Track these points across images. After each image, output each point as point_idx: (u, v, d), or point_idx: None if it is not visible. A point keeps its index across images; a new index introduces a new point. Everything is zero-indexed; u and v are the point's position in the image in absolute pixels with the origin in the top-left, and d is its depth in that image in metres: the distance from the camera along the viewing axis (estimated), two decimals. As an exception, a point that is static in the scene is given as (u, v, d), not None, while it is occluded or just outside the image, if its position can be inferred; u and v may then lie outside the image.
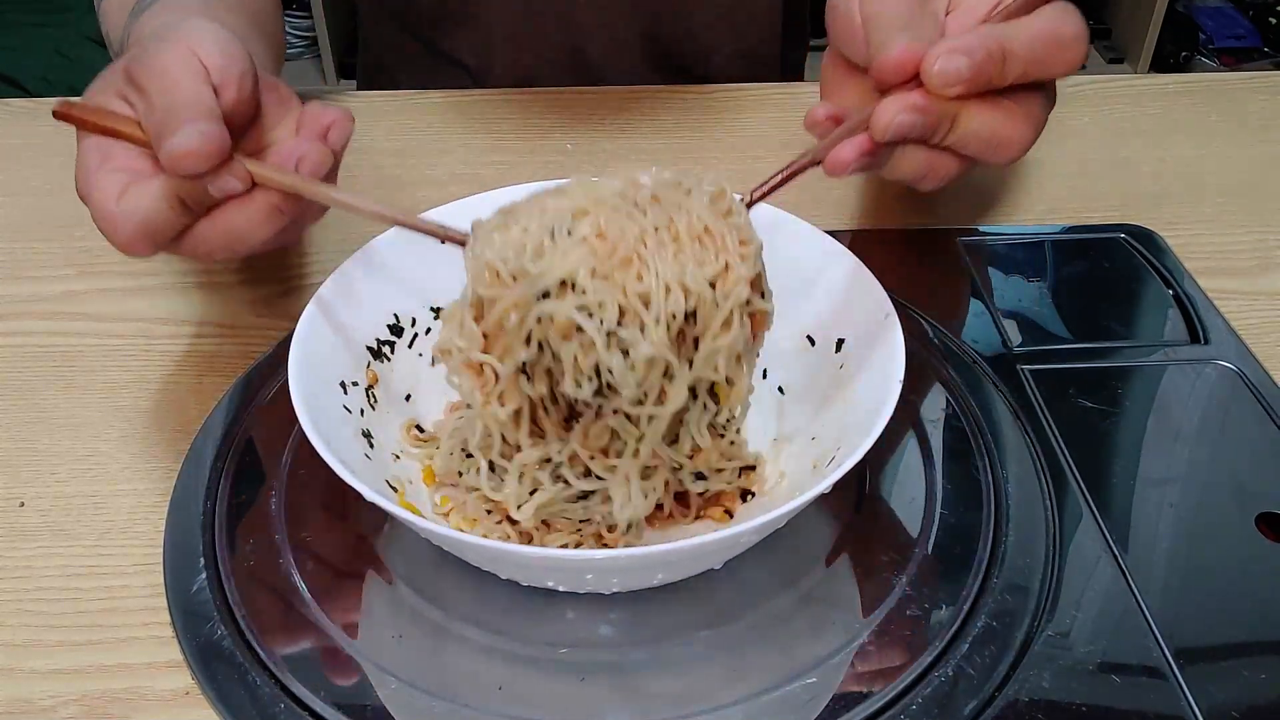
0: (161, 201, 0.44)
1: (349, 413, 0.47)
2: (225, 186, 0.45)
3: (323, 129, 0.49)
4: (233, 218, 0.46)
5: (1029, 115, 0.45)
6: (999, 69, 0.42)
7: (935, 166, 0.45)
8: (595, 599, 0.44)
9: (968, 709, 0.41)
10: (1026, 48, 0.43)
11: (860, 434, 0.41)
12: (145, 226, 0.45)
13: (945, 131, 0.43)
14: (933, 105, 0.42)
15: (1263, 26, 2.30)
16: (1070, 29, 0.43)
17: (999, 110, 0.44)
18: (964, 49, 0.41)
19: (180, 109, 0.44)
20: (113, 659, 0.43)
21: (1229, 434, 0.53)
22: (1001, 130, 0.44)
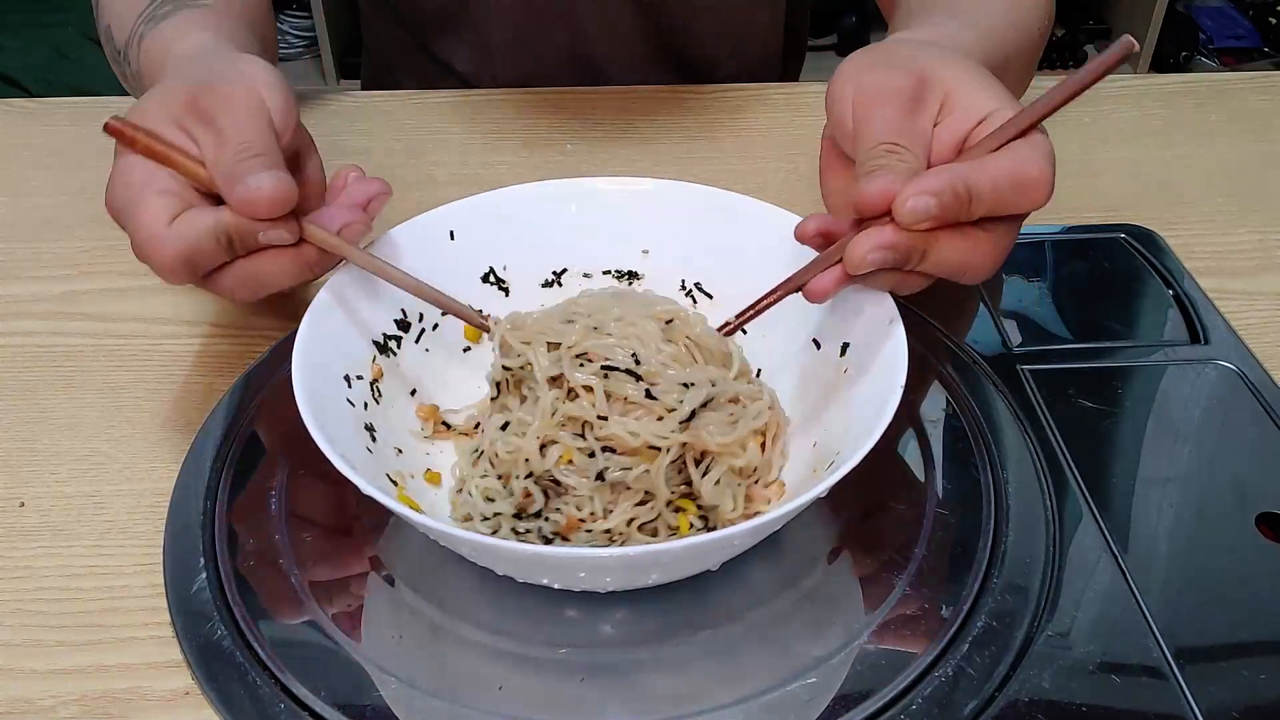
0: (211, 236, 0.46)
1: (352, 406, 0.47)
2: (277, 236, 0.47)
3: (365, 199, 0.50)
4: (269, 264, 0.47)
5: (995, 242, 0.46)
6: (965, 208, 0.44)
7: (906, 283, 0.47)
8: (596, 599, 0.44)
9: (968, 709, 0.41)
10: (992, 190, 0.44)
11: (859, 439, 0.41)
12: (191, 257, 0.46)
13: (916, 262, 0.45)
14: (903, 241, 0.44)
15: (1263, 26, 2.30)
16: (1034, 171, 0.45)
17: (967, 239, 0.45)
18: (933, 190, 0.43)
19: (256, 152, 0.46)
20: (113, 659, 0.43)
21: (1229, 434, 0.53)
22: (968, 259, 0.46)
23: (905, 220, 0.43)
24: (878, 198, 0.44)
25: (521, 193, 0.55)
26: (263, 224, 0.46)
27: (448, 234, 0.53)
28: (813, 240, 0.48)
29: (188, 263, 0.46)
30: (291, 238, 0.47)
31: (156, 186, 0.46)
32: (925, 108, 0.48)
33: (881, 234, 0.44)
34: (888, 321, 0.46)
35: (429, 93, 0.81)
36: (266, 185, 0.45)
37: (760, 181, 0.71)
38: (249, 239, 0.46)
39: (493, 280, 0.55)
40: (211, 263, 0.47)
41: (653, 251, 0.56)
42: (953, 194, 0.43)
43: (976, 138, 0.47)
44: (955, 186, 0.43)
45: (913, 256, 0.45)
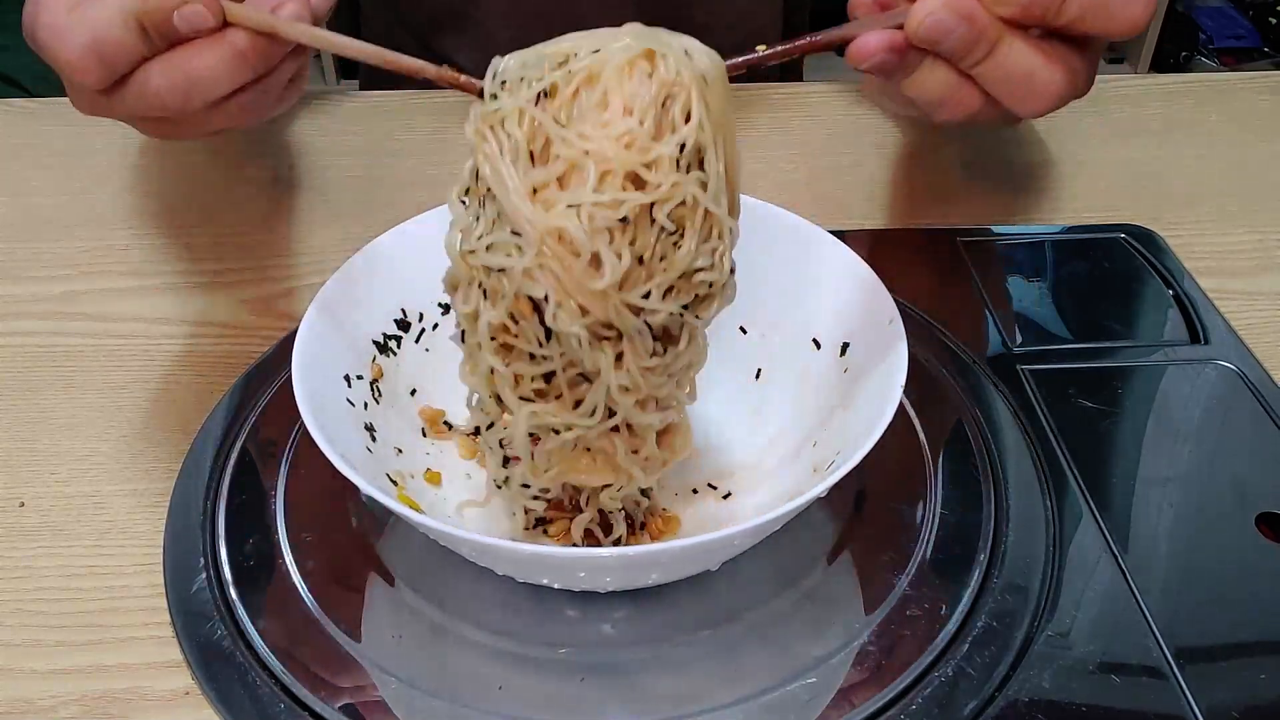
0: (118, 19, 0.41)
1: (352, 406, 0.47)
2: (194, 18, 0.41)
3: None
4: (193, 58, 0.42)
5: (1069, 69, 0.43)
6: (1052, 8, 0.41)
7: (957, 95, 0.43)
8: (596, 599, 0.44)
9: (968, 709, 0.41)
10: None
11: (859, 439, 0.41)
12: (97, 44, 0.41)
13: (980, 56, 0.41)
14: (977, 16, 0.40)
15: (1263, 26, 2.30)
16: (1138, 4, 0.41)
17: (1040, 52, 0.42)
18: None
19: None
20: (113, 659, 0.43)
21: (1229, 434, 0.53)
22: (1038, 73, 0.42)
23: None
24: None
25: None
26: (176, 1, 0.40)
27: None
28: (866, 6, 0.43)
29: (96, 53, 0.41)
30: (212, 18, 0.41)
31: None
32: None
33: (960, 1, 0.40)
34: (888, 321, 0.46)
35: (429, 93, 0.81)
36: None
37: (762, 182, 0.71)
38: (164, 24, 0.41)
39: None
40: (125, 55, 0.41)
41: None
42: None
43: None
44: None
45: (981, 44, 0.41)
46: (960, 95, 0.43)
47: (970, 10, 0.40)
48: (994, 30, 0.41)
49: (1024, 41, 0.42)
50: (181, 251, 0.65)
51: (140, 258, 0.65)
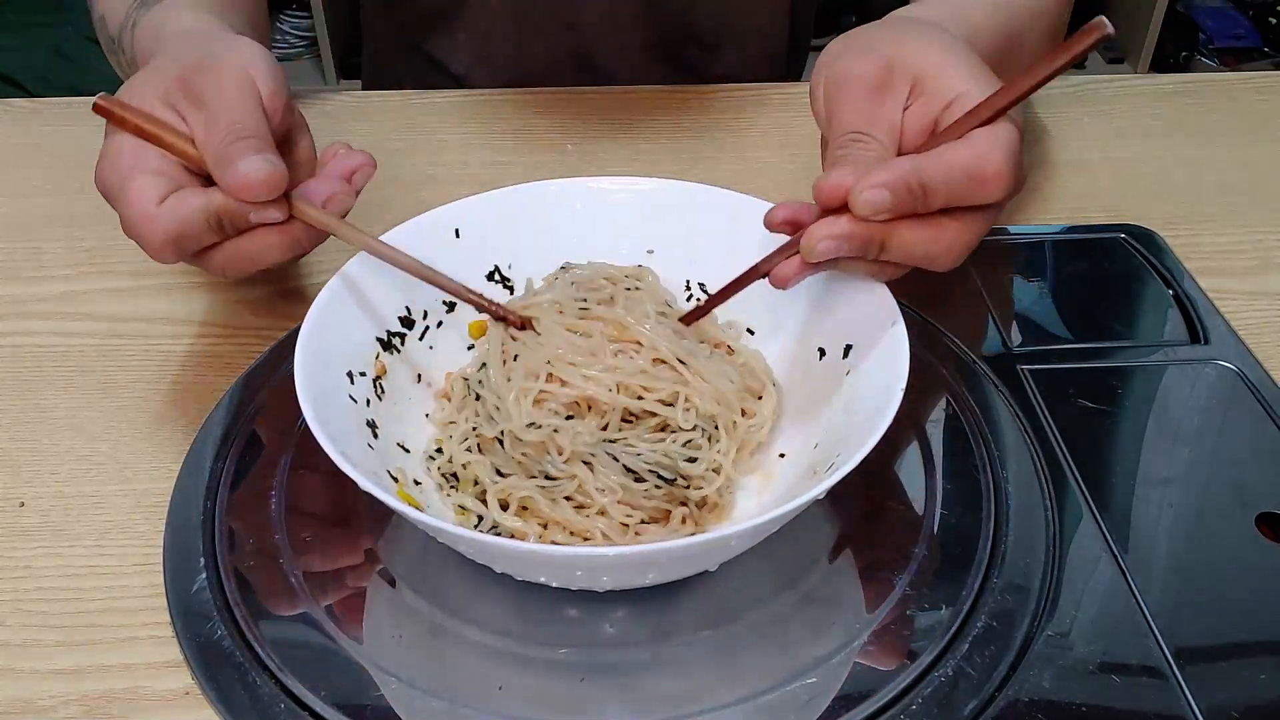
0: (201, 216, 0.46)
1: (354, 402, 0.47)
2: (268, 217, 0.47)
3: (348, 171, 0.50)
4: (259, 242, 0.47)
5: (961, 230, 0.45)
6: (920, 200, 0.44)
7: (881, 272, 0.47)
8: (596, 599, 0.44)
9: (968, 709, 0.41)
10: (945, 183, 0.44)
11: (860, 440, 0.41)
12: (180, 237, 0.46)
13: (876, 252, 0.45)
14: (858, 231, 0.44)
15: (1263, 26, 2.29)
16: (989, 165, 0.44)
17: (929, 229, 0.45)
18: (886, 183, 0.43)
19: (246, 134, 0.46)
20: (113, 659, 0.43)
21: (1229, 434, 0.53)
22: (929, 249, 0.45)
23: (861, 212, 0.43)
24: (833, 190, 0.44)
25: (527, 191, 0.55)
26: (255, 205, 0.46)
27: (453, 232, 0.53)
28: (781, 228, 0.48)
29: (177, 242, 0.46)
30: (281, 216, 0.47)
31: (146, 166, 0.47)
32: (893, 93, 0.48)
33: (836, 224, 0.44)
34: (890, 323, 0.46)
35: (429, 93, 0.81)
36: (259, 169, 0.45)
37: (760, 181, 0.71)
38: (239, 220, 0.46)
39: (498, 278, 0.55)
40: (201, 243, 0.47)
41: (657, 251, 0.56)
42: (905, 188, 0.43)
43: (947, 120, 0.46)
44: (909, 180, 0.43)
45: (870, 247, 0.44)
46: (880, 271, 0.47)
47: (848, 231, 0.44)
48: (878, 233, 0.44)
49: (909, 228, 0.44)
50: (181, 251, 0.65)
51: (140, 258, 0.64)
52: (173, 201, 0.46)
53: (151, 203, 0.46)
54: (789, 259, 0.46)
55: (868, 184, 0.43)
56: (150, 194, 0.46)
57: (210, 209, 0.46)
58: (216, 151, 0.46)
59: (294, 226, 0.48)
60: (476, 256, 0.54)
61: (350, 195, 0.49)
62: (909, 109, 0.48)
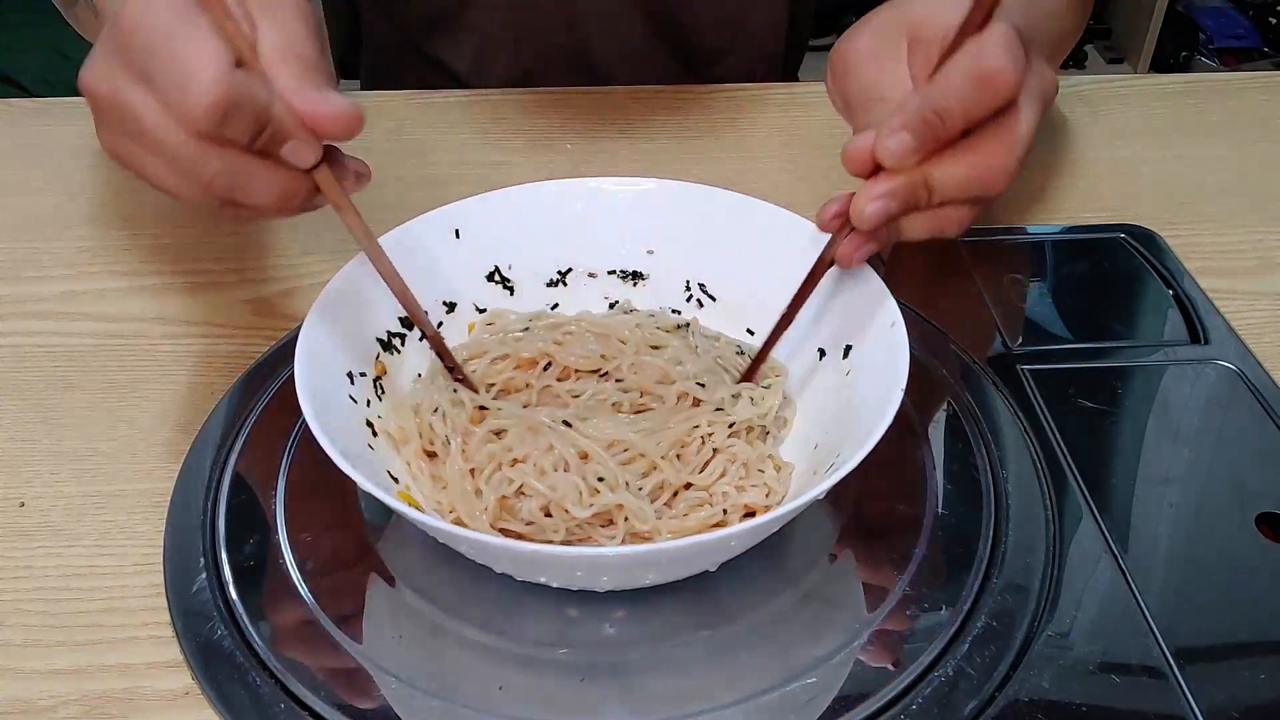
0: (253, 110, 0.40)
1: (354, 403, 0.47)
2: (303, 153, 0.42)
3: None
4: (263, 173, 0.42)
5: (1003, 142, 0.45)
6: (942, 128, 0.43)
7: (944, 220, 0.46)
8: (596, 599, 0.44)
9: (968, 709, 0.41)
10: (957, 99, 0.43)
11: (860, 440, 0.41)
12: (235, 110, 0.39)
13: (926, 195, 0.44)
14: (898, 185, 0.44)
15: (1263, 26, 2.29)
16: (991, 63, 0.43)
17: (968, 154, 0.44)
18: (902, 125, 0.43)
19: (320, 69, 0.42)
20: (113, 659, 0.43)
21: (1229, 434, 0.53)
22: (977, 170, 0.45)
23: (890, 164, 0.43)
24: (859, 152, 0.44)
25: (527, 192, 0.55)
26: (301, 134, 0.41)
27: (453, 232, 0.53)
28: (832, 224, 0.47)
29: (224, 111, 0.39)
30: (314, 159, 0.42)
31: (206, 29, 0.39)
32: (892, 53, 0.48)
33: (877, 184, 0.44)
34: (890, 324, 0.46)
35: (429, 93, 0.81)
36: (344, 104, 0.41)
37: (760, 181, 0.71)
38: (279, 137, 0.41)
39: (498, 279, 0.55)
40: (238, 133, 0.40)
41: (658, 252, 0.56)
42: (921, 120, 0.43)
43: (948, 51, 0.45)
44: (921, 113, 0.43)
45: (918, 193, 0.44)
46: (945, 218, 0.46)
47: (889, 188, 0.44)
48: (918, 177, 0.44)
49: (948, 160, 0.44)
50: (181, 251, 0.65)
51: (140, 258, 0.65)
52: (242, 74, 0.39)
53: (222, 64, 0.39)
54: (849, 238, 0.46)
55: (886, 132, 0.43)
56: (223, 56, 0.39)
57: (264, 108, 0.40)
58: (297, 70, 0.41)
59: (302, 180, 0.43)
60: (476, 256, 0.54)
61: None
62: (912, 62, 0.47)
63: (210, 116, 0.39)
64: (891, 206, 0.44)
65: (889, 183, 0.44)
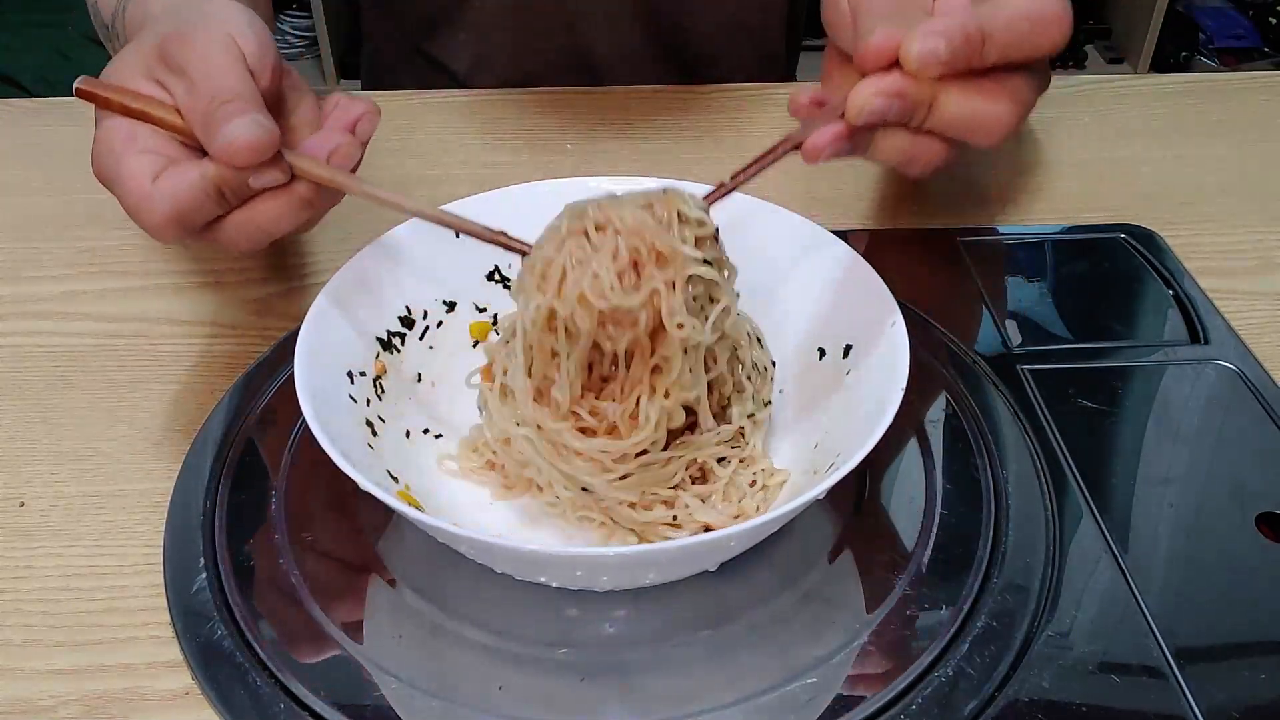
0: (199, 189, 0.43)
1: (354, 402, 0.47)
2: (267, 180, 0.44)
3: (351, 121, 0.48)
4: (266, 209, 0.45)
5: (1012, 95, 0.44)
6: (978, 51, 0.42)
7: (919, 151, 0.45)
8: (596, 598, 0.44)
9: (968, 709, 0.41)
10: (1006, 29, 0.42)
11: (860, 440, 0.41)
12: (180, 213, 0.44)
13: (924, 115, 0.43)
14: (908, 88, 0.42)
15: (1263, 26, 2.30)
16: (1053, 7, 0.42)
17: (979, 92, 0.43)
18: (942, 31, 0.41)
19: (229, 98, 0.43)
20: (113, 659, 0.43)
21: (1229, 434, 0.53)
22: (981, 112, 0.43)
23: (913, 66, 0.41)
24: (883, 46, 0.42)
25: (527, 191, 0.55)
26: (250, 170, 0.43)
27: (453, 232, 0.53)
28: (806, 109, 0.46)
29: (179, 220, 0.44)
30: (282, 178, 0.44)
31: (138, 146, 0.45)
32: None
33: (885, 79, 0.42)
34: (890, 323, 0.46)
35: (429, 93, 0.81)
36: (243, 132, 0.42)
37: (760, 182, 0.71)
38: (239, 187, 0.44)
39: (498, 279, 0.55)
40: (205, 217, 0.45)
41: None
42: (964, 35, 0.41)
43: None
44: (967, 27, 0.41)
45: (919, 108, 0.43)
46: (921, 149, 0.45)
47: (898, 87, 0.42)
48: (926, 92, 0.42)
49: (960, 89, 0.43)
50: (181, 251, 0.65)
51: (140, 258, 0.65)
52: (167, 178, 0.44)
53: (146, 182, 0.44)
54: (824, 129, 0.44)
55: (924, 31, 0.41)
56: (145, 173, 0.44)
57: (207, 179, 0.43)
58: (202, 118, 0.43)
59: (298, 187, 0.45)
60: (476, 256, 0.54)
61: (356, 147, 0.47)
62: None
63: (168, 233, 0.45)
64: (892, 109, 0.42)
65: (901, 82, 0.42)
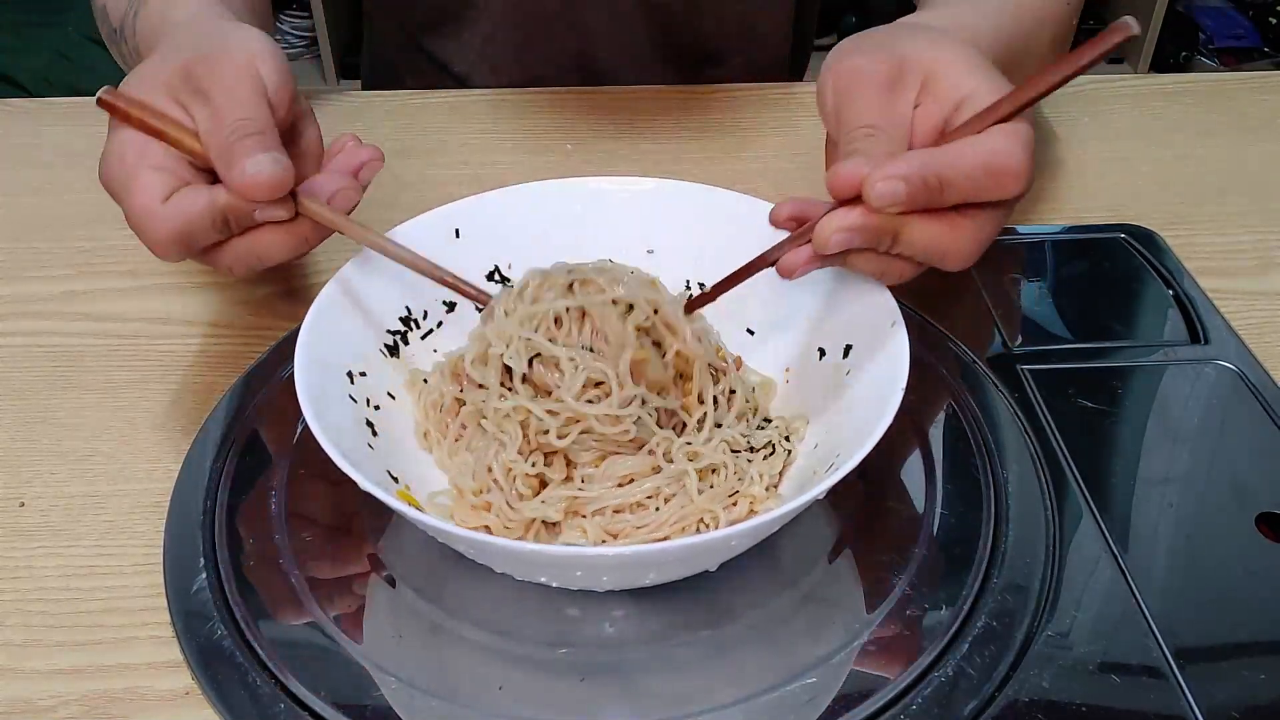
0: (207, 215, 0.45)
1: (354, 403, 0.47)
2: (273, 215, 0.46)
3: (356, 166, 0.50)
4: (266, 240, 0.47)
5: (975, 228, 0.45)
6: (936, 195, 0.43)
7: (889, 268, 0.46)
8: (596, 598, 0.44)
9: (968, 709, 0.41)
10: (965, 177, 0.43)
11: (860, 440, 0.41)
12: (185, 235, 0.46)
13: (889, 243, 0.44)
14: (871, 223, 0.43)
15: (1263, 26, 2.30)
16: (1009, 160, 0.43)
17: (942, 224, 0.44)
18: (903, 175, 0.42)
19: (251, 131, 0.45)
20: (113, 659, 0.43)
21: (1229, 434, 0.53)
22: (944, 242, 0.45)
23: (874, 204, 0.42)
24: (848, 180, 0.43)
25: (527, 191, 0.55)
26: (258, 204, 0.45)
27: (453, 231, 0.54)
28: (786, 224, 0.48)
29: (182, 241, 0.46)
30: (288, 215, 0.46)
31: (151, 162, 0.46)
32: (903, 90, 0.47)
33: (849, 215, 0.43)
34: (890, 324, 0.46)
35: (429, 93, 0.81)
36: (265, 169, 0.44)
37: (760, 181, 0.71)
38: (245, 218, 0.46)
39: (498, 279, 0.55)
40: (206, 241, 0.47)
41: (658, 251, 0.56)
42: (922, 180, 0.42)
43: (957, 120, 0.46)
44: (925, 173, 0.43)
45: (882, 239, 0.44)
46: (890, 268, 0.46)
47: (861, 223, 0.43)
48: (890, 225, 0.44)
49: (923, 222, 0.44)
50: (181, 251, 0.65)
51: (140, 258, 0.65)
52: (178, 199, 0.45)
53: (156, 200, 0.45)
54: (798, 249, 0.46)
55: (883, 174, 0.42)
56: (155, 191, 0.45)
57: (215, 207, 0.45)
58: (222, 148, 0.45)
59: (300, 224, 0.47)
60: (476, 256, 0.54)
61: (356, 191, 0.49)
62: (919, 108, 0.47)
63: (173, 253, 0.47)
64: (854, 241, 0.44)
65: (863, 218, 0.43)
